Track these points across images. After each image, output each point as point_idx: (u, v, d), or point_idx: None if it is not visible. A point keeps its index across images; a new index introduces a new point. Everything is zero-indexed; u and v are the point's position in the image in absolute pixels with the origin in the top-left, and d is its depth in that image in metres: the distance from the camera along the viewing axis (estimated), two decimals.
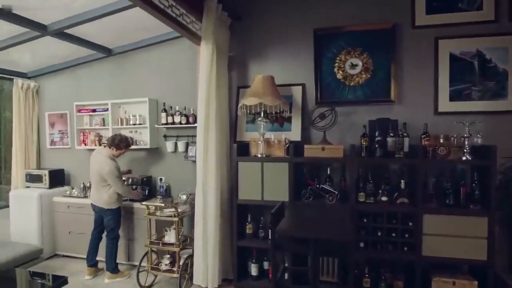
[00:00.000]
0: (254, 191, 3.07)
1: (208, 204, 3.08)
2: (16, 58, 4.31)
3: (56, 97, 4.76)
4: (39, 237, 4.13)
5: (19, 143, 4.55)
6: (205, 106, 3.05)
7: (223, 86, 3.29)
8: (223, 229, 3.17)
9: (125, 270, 3.74)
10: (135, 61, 4.30)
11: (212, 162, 3.08)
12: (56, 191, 4.37)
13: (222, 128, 3.23)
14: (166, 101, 4.11)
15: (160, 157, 4.24)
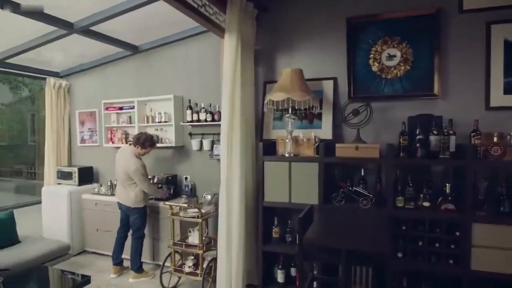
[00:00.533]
0: (281, 192, 2.88)
1: (232, 206, 2.93)
2: (48, 58, 4.40)
3: (86, 95, 4.83)
4: (68, 233, 4.20)
5: (51, 141, 4.66)
6: (229, 102, 2.89)
7: (248, 81, 3.12)
8: (247, 232, 3.00)
9: (149, 270, 3.70)
10: (161, 57, 4.24)
11: (236, 162, 2.93)
12: (85, 188, 4.42)
13: (247, 126, 3.07)
14: (191, 98, 4.01)
15: (185, 155, 4.16)
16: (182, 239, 3.44)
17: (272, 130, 3.31)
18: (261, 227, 2.99)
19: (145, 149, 3.54)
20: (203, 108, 3.87)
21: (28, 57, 4.08)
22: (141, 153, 3.55)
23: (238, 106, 2.92)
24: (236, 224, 2.90)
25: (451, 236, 2.47)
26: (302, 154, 2.95)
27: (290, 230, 3.02)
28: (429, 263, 2.53)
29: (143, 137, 3.52)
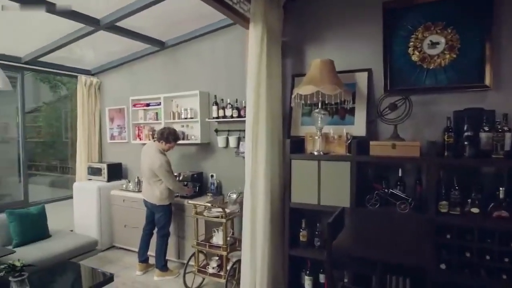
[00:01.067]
0: (309, 193, 2.69)
1: (257, 206, 2.77)
2: (80, 56, 4.48)
3: (115, 92, 4.88)
4: (97, 229, 4.25)
5: (82, 137, 4.75)
6: (254, 97, 2.73)
7: (275, 75, 2.94)
8: (273, 235, 2.83)
9: (175, 268, 3.64)
10: (187, 53, 4.16)
11: (261, 160, 2.76)
12: (114, 184, 4.46)
13: (273, 122, 2.89)
14: (217, 94, 3.90)
15: (211, 152, 4.07)
16: (206, 239, 3.34)
17: (300, 126, 3.11)
18: (287, 229, 2.81)
19: (169, 143, 3.50)
20: (229, 104, 3.74)
21: (60, 56, 4.15)
22: (165, 148, 3.50)
23: (264, 100, 2.76)
24: (261, 226, 2.75)
25: (504, 247, 2.16)
26: (332, 152, 2.74)
27: (319, 234, 2.82)
28: (477, 277, 2.23)
29: (166, 132, 3.48)
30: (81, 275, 2.82)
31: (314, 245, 2.82)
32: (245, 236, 2.81)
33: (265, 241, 2.74)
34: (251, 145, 2.77)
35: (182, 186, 3.68)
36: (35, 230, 3.46)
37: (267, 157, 2.78)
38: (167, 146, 3.50)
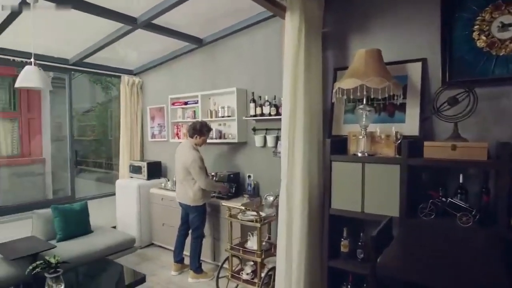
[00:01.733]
0: (352, 199, 2.41)
1: (294, 211, 2.55)
2: (122, 56, 4.58)
3: (156, 91, 4.93)
4: (137, 226, 4.31)
5: (125, 136, 4.86)
6: (291, 92, 2.51)
7: (314, 69, 2.70)
8: (311, 243, 2.59)
9: (209, 270, 3.55)
10: (224, 49, 4.05)
11: (298, 161, 2.54)
12: (153, 182, 4.50)
13: (312, 120, 2.65)
14: (255, 91, 3.73)
15: (248, 152, 3.91)
16: (241, 242, 3.20)
17: (343, 125, 2.82)
18: (326, 238, 2.55)
19: (203, 136, 3.47)
20: (267, 101, 3.56)
21: (104, 56, 4.26)
22: (199, 142, 3.47)
23: (301, 96, 2.53)
24: (298, 233, 2.52)
25: None
26: (379, 154, 2.43)
27: (362, 245, 2.52)
28: None
29: (198, 124, 3.46)
30: (114, 273, 2.82)
31: (356, 257, 2.53)
32: (280, 243, 2.60)
33: (302, 249, 2.51)
34: (287, 144, 2.56)
35: (215, 183, 3.58)
36: (78, 226, 3.56)
37: (305, 158, 2.54)
38: (201, 139, 3.47)
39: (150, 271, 3.64)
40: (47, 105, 6.56)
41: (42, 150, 6.58)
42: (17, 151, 6.44)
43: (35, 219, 3.47)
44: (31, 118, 6.55)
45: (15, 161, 6.30)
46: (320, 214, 2.65)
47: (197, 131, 3.43)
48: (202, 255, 3.63)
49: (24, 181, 6.26)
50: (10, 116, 6.44)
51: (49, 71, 4.91)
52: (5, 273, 2.69)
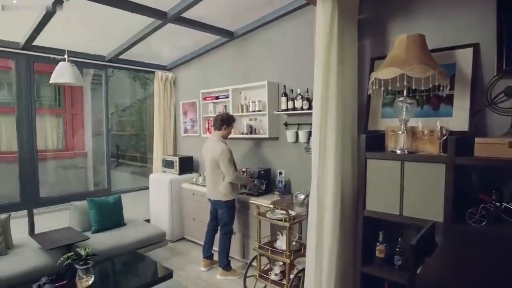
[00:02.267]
0: (389, 201, 2.20)
1: (325, 212, 2.39)
2: (156, 52, 4.63)
3: (188, 86, 4.94)
4: (169, 220, 4.36)
5: (158, 131, 4.93)
6: (322, 85, 2.34)
7: (349, 59, 2.50)
8: (343, 246, 2.42)
9: (238, 268, 3.48)
10: (255, 42, 3.94)
11: (330, 158, 2.37)
12: (185, 177, 4.52)
13: (346, 114, 2.46)
14: (286, 84, 3.59)
15: (280, 148, 3.78)
16: (270, 241, 3.09)
17: (380, 119, 2.60)
18: (360, 241, 2.36)
19: (230, 126, 3.46)
20: (299, 94, 3.40)
21: (138, 52, 4.33)
22: (226, 134, 3.46)
23: (334, 89, 2.35)
24: (329, 234, 2.36)
25: None
26: (421, 151, 2.19)
27: (400, 251, 2.30)
28: None
29: (224, 116, 3.48)
30: (143, 267, 2.83)
31: (393, 264, 2.31)
32: (310, 244, 2.46)
33: (333, 252, 2.35)
34: (318, 140, 2.40)
35: (242, 176, 3.52)
36: (111, 218, 3.65)
37: (337, 155, 2.37)
38: (227, 130, 3.46)
39: (179, 266, 3.66)
40: (88, 101, 6.88)
41: (84, 144, 6.94)
42: (62, 145, 6.84)
43: (72, 210, 3.61)
44: (75, 113, 6.92)
45: (60, 154, 6.71)
46: (354, 215, 2.46)
47: (225, 121, 3.41)
48: (231, 252, 3.58)
49: (68, 174, 6.65)
50: (55, 112, 6.85)
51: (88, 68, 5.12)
52: (42, 262, 2.80)
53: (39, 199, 3.81)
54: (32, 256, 2.88)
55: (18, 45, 3.56)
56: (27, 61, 3.65)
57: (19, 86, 3.64)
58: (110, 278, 2.73)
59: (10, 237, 3.09)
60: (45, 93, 6.67)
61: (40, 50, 3.68)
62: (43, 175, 6.39)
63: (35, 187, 3.76)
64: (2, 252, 2.91)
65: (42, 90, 6.58)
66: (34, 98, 3.75)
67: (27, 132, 3.69)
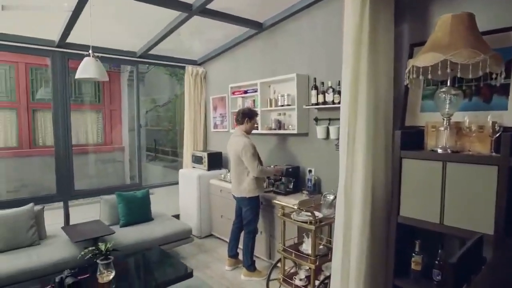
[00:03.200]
0: (427, 207, 1.93)
1: (353, 216, 2.17)
2: (186, 47, 4.60)
3: (218, 80, 4.86)
4: (197, 216, 4.33)
5: (189, 126, 4.92)
6: (351, 76, 2.11)
7: (383, 46, 2.23)
8: (373, 255, 2.18)
9: (263, 269, 3.35)
10: (285, 33, 3.74)
11: (360, 157, 2.14)
12: (213, 173, 4.45)
13: (378, 107, 2.20)
14: (317, 76, 3.36)
15: (309, 144, 3.57)
16: (296, 244, 2.91)
17: (419, 113, 2.30)
18: (393, 251, 2.11)
19: (253, 119, 3.36)
20: (330, 87, 3.17)
21: (167, 48, 4.31)
22: (248, 128, 3.36)
23: (364, 80, 2.11)
24: (357, 241, 2.14)
25: None
26: (467, 151, 1.89)
27: (440, 264, 2.01)
28: None
29: (245, 109, 3.40)
30: (164, 265, 2.79)
31: (431, 279, 2.03)
32: (336, 250, 2.25)
33: (361, 261, 2.12)
34: (346, 137, 2.19)
35: (268, 169, 3.39)
36: (139, 213, 3.68)
37: (368, 154, 2.13)
38: (250, 124, 3.35)
39: (205, 263, 3.60)
40: (125, 97, 7.10)
41: (121, 139, 7.19)
42: (101, 140, 7.15)
43: (102, 204, 3.69)
44: (113, 109, 7.19)
45: (99, 148, 7.02)
46: (386, 221, 2.21)
47: (247, 114, 3.32)
48: (257, 252, 3.45)
49: (106, 167, 6.94)
50: (95, 108, 7.17)
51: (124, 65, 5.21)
52: (69, 254, 2.87)
53: (74, 191, 3.95)
54: (61, 248, 2.97)
55: (53, 43, 3.68)
56: (62, 58, 3.77)
57: (54, 83, 3.77)
58: (131, 274, 2.71)
59: (43, 228, 3.21)
60: (86, 90, 7.00)
61: (74, 48, 3.78)
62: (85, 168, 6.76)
63: (70, 180, 3.90)
64: (35, 242, 3.03)
65: (83, 87, 6.92)
66: (69, 94, 3.88)
67: (63, 127, 3.82)
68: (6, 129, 6.45)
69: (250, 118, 3.32)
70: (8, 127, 6.46)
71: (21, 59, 6.16)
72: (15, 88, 6.43)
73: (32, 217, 3.07)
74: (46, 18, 3.22)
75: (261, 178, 3.28)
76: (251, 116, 3.34)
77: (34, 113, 6.64)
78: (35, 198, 3.59)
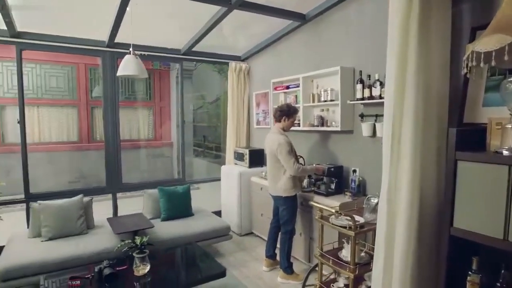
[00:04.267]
0: (487, 219, 1.62)
1: (397, 225, 1.93)
2: (230, 43, 4.58)
3: (261, 76, 4.77)
4: (238, 213, 4.30)
5: (232, 122, 4.90)
6: (397, 67, 1.87)
7: (436, 31, 1.93)
8: (420, 270, 1.91)
9: (302, 272, 3.20)
10: (329, 23, 3.52)
11: (406, 159, 1.89)
12: (255, 170, 4.39)
13: (429, 102, 1.92)
14: (363, 69, 3.11)
15: (354, 142, 3.33)
16: (335, 249, 2.71)
17: (481, 108, 1.97)
18: (444, 267, 1.82)
19: (291, 117, 3.20)
20: (377, 80, 2.92)
21: (210, 44, 4.31)
22: (286, 125, 3.21)
23: (413, 71, 1.85)
24: (401, 254, 1.90)
25: None
26: None
27: (502, 286, 1.69)
28: None
29: (284, 106, 3.24)
30: (199, 262, 2.78)
31: None
32: (377, 262, 2.03)
33: (406, 277, 1.88)
34: (390, 136, 1.95)
35: (307, 167, 3.23)
36: (180, 208, 3.74)
37: (416, 155, 1.87)
38: (289, 121, 3.20)
39: (242, 262, 3.56)
40: (174, 94, 7.34)
41: (170, 134, 7.46)
42: (151, 135, 7.49)
43: (145, 197, 3.81)
44: (162, 106, 7.49)
45: (150, 143, 7.37)
46: (436, 232, 1.92)
47: (285, 111, 3.17)
48: (296, 254, 3.32)
49: (156, 162, 7.26)
50: (146, 105, 7.53)
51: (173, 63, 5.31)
52: (111, 245, 2.99)
53: (121, 184, 4.15)
54: (105, 238, 3.12)
55: (103, 43, 3.88)
56: (111, 57, 3.96)
57: (105, 81, 3.98)
58: (166, 269, 2.74)
59: (91, 218, 3.41)
60: (138, 88, 7.39)
61: (122, 47, 3.95)
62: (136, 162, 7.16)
63: (118, 174, 4.10)
64: (83, 232, 3.22)
65: (136, 85, 7.32)
66: (117, 92, 4.06)
67: (112, 123, 4.02)
68: (68, 124, 7.09)
69: (287, 116, 3.18)
70: (70, 123, 7.09)
71: (81, 60, 6.70)
72: (76, 87, 7.01)
73: (81, 207, 3.26)
74: (96, 19, 3.39)
75: (298, 177, 3.13)
76: (289, 114, 3.19)
77: (92, 110, 7.19)
78: (87, 190, 3.84)
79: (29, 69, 6.71)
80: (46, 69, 6.90)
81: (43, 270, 2.64)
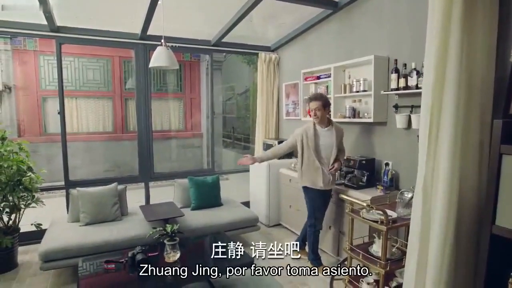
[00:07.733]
0: None
1: (432, 224, 1.84)
2: (260, 33, 4.53)
3: (291, 67, 4.69)
4: (266, 205, 4.31)
5: (261, 113, 4.88)
6: (436, 57, 1.75)
7: (481, 14, 1.79)
8: (457, 271, 1.82)
9: (330, 265, 3.15)
10: (363, 10, 3.38)
11: (443, 153, 1.79)
12: (284, 162, 4.35)
13: (472, 92, 1.80)
14: (398, 58, 2.97)
15: (387, 134, 3.22)
16: (366, 243, 2.65)
17: None
18: (484, 268, 1.72)
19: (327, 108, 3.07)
20: (414, 69, 2.78)
21: (239, 34, 4.30)
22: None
23: (454, 57, 1.73)
24: (435, 252, 1.81)
25: None
26: None
27: None
28: None
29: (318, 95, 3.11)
30: (225, 249, 2.82)
31: None
32: (410, 259, 1.95)
33: (441, 277, 1.79)
34: (427, 129, 1.84)
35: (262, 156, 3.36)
36: (209, 198, 3.80)
37: (455, 148, 1.77)
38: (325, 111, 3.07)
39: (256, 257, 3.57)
40: (204, 85, 7.43)
41: (200, 125, 7.59)
42: (182, 126, 7.66)
43: (176, 187, 3.91)
44: (192, 97, 7.61)
45: (180, 134, 7.54)
46: (475, 231, 1.81)
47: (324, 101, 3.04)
48: (325, 247, 3.29)
49: (186, 152, 7.44)
50: (177, 96, 7.69)
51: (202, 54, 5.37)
52: (143, 232, 3.09)
53: (153, 174, 4.28)
54: (137, 225, 3.23)
55: (137, 36, 3.97)
56: (144, 50, 4.05)
57: (138, 73, 4.09)
58: (196, 256, 2.81)
59: (126, 206, 3.55)
60: (170, 80, 7.56)
61: (154, 39, 4.02)
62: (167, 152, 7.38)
63: (150, 163, 4.23)
64: (117, 218, 3.36)
65: (167, 76, 7.50)
66: (149, 83, 4.16)
67: (144, 114, 4.14)
68: (104, 115, 7.42)
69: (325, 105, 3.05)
70: (106, 114, 7.41)
71: (115, 53, 6.96)
72: (111, 79, 7.29)
73: (115, 195, 3.40)
74: (130, 12, 3.47)
75: (309, 169, 3.06)
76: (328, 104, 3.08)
77: (126, 101, 7.46)
78: (121, 179, 3.99)
79: (68, 62, 7.05)
80: (83, 62, 7.24)
81: (80, 253, 2.79)
